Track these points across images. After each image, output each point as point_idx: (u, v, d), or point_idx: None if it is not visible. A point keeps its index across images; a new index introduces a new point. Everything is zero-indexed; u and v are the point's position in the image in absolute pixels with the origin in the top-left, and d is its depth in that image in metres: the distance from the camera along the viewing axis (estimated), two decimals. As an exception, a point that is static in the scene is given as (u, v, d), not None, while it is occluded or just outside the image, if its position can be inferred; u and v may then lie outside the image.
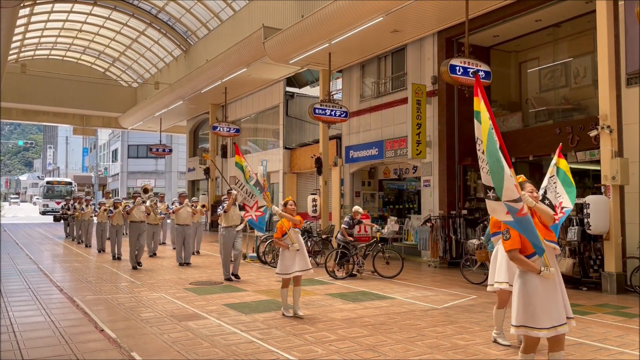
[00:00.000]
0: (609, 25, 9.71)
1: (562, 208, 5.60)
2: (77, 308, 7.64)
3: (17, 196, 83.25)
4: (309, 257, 12.85)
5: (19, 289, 9.21)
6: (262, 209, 7.90)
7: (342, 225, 11.11)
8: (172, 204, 15.08)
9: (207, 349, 5.56)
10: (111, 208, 14.00)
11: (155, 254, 14.42)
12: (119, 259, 13.51)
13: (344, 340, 5.95)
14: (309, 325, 6.67)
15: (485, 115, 3.80)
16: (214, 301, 8.21)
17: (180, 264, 12.59)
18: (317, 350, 5.55)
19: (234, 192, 10.13)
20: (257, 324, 6.67)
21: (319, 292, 9.12)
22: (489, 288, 6.06)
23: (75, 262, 13.31)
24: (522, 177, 4.28)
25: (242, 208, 8.64)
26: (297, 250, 7.21)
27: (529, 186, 4.17)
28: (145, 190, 13.51)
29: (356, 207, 11.40)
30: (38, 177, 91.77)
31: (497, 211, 3.97)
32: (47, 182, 43.67)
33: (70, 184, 43.74)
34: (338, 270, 10.94)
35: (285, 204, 7.45)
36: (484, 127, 3.80)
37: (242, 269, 11.93)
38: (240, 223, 10.59)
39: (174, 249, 15.66)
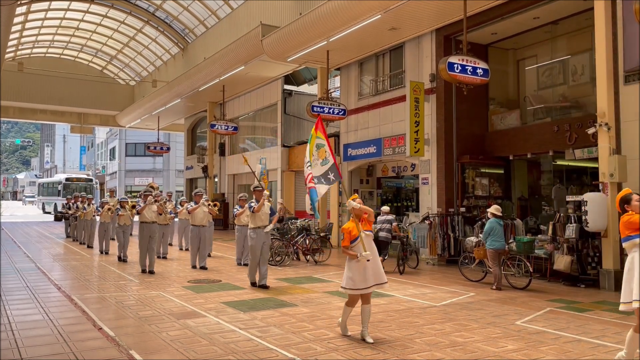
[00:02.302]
0: (607, 22, 9.74)
1: None
2: (76, 306, 7.63)
3: (32, 196, 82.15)
4: (307, 255, 13.07)
5: (17, 287, 9.19)
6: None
7: (394, 223, 11.48)
8: (180, 204, 14.77)
9: (206, 347, 5.56)
10: (117, 207, 13.16)
11: (165, 257, 13.68)
12: (124, 261, 12.82)
13: (342, 338, 5.95)
14: (307, 322, 6.68)
15: None
16: (212, 299, 8.20)
17: (195, 267, 11.72)
18: (315, 348, 5.55)
19: (266, 192, 9.31)
20: (256, 322, 6.67)
21: (318, 289, 9.12)
22: (622, 307, 4.84)
23: (73, 260, 13.28)
24: None
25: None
26: (368, 260, 5.80)
27: None
28: (152, 188, 13.21)
29: (386, 207, 11.84)
30: (35, 175, 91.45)
31: None
32: (66, 179, 38.78)
33: (90, 180, 39.47)
34: (401, 265, 11.38)
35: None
36: None
37: (241, 268, 11.94)
38: (270, 223, 9.43)
39: (186, 249, 15.18)
